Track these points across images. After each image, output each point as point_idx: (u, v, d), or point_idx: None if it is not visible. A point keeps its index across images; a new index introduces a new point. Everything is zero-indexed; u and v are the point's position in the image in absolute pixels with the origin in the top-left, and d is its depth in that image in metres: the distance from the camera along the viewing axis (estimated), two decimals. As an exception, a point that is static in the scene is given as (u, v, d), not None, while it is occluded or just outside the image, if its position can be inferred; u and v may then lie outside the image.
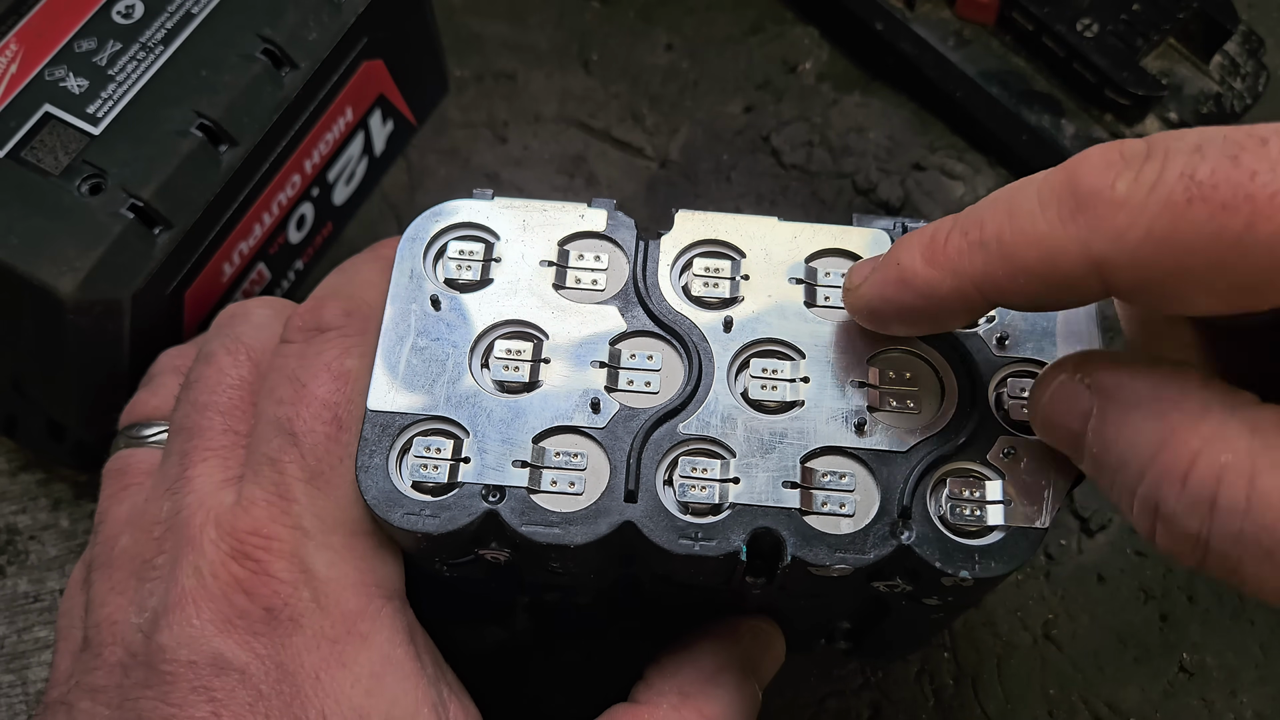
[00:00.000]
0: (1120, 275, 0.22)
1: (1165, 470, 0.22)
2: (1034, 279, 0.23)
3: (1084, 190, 0.22)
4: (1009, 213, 0.23)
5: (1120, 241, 0.21)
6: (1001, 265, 0.23)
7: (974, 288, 0.24)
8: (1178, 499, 0.22)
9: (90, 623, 0.29)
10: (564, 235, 0.31)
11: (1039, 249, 0.23)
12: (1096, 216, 0.22)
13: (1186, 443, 0.22)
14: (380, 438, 0.28)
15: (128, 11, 0.35)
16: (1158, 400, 0.22)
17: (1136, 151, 0.22)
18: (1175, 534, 0.22)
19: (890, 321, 0.28)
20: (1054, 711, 0.39)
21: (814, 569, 0.27)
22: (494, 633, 0.39)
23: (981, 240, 0.24)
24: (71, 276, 0.31)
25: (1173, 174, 0.21)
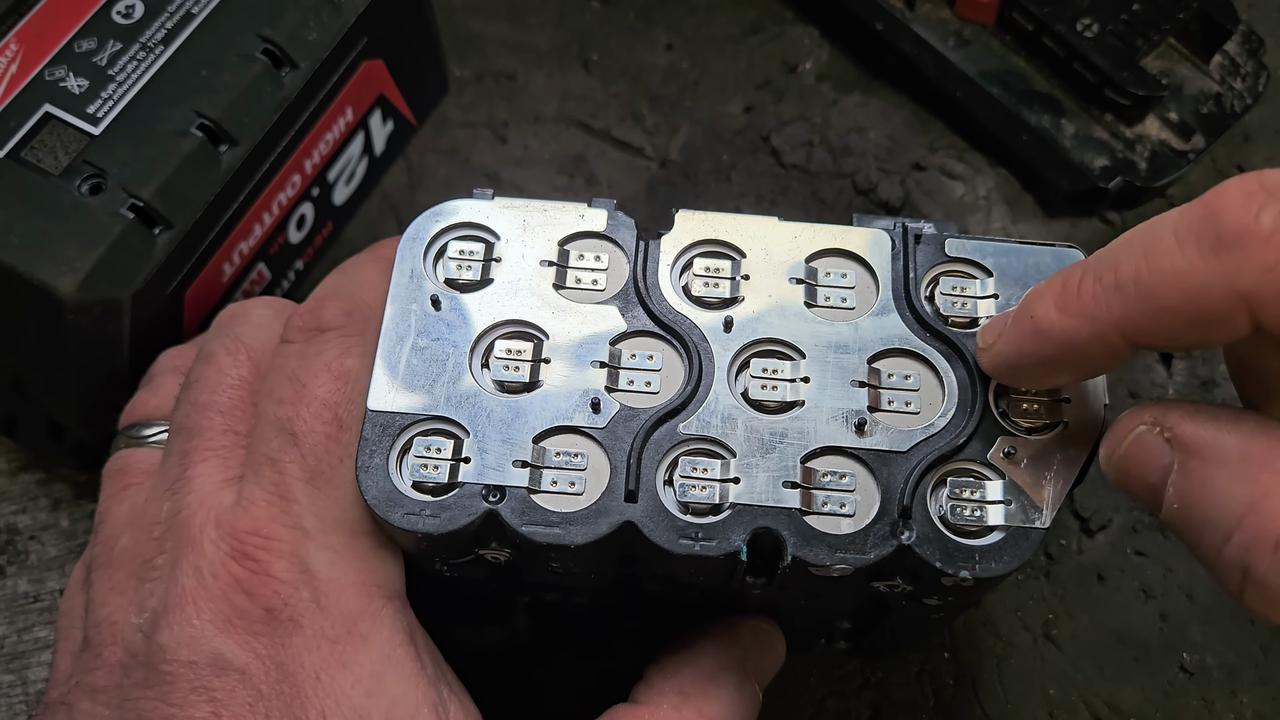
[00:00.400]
0: (1271, 311, 0.21)
1: (1256, 535, 0.21)
2: (1178, 319, 0.22)
3: (1227, 226, 0.21)
4: (1145, 253, 0.23)
5: (1270, 275, 0.21)
6: (1141, 307, 0.23)
7: (1115, 332, 0.24)
8: (1270, 565, 0.21)
9: (90, 623, 0.29)
10: (564, 235, 0.31)
11: (1180, 288, 0.22)
12: (1243, 252, 0.21)
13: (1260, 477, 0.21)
14: (380, 438, 0.28)
15: (128, 11, 0.35)
16: (1246, 460, 0.22)
17: (1277, 181, 0.21)
18: (1268, 598, 0.22)
19: (1029, 375, 0.27)
20: (1054, 711, 0.39)
21: (814, 569, 0.27)
22: (494, 633, 0.39)
23: (1117, 283, 0.23)
24: (71, 276, 0.31)
25: None
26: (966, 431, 0.28)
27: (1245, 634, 0.40)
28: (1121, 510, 0.42)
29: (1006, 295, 0.30)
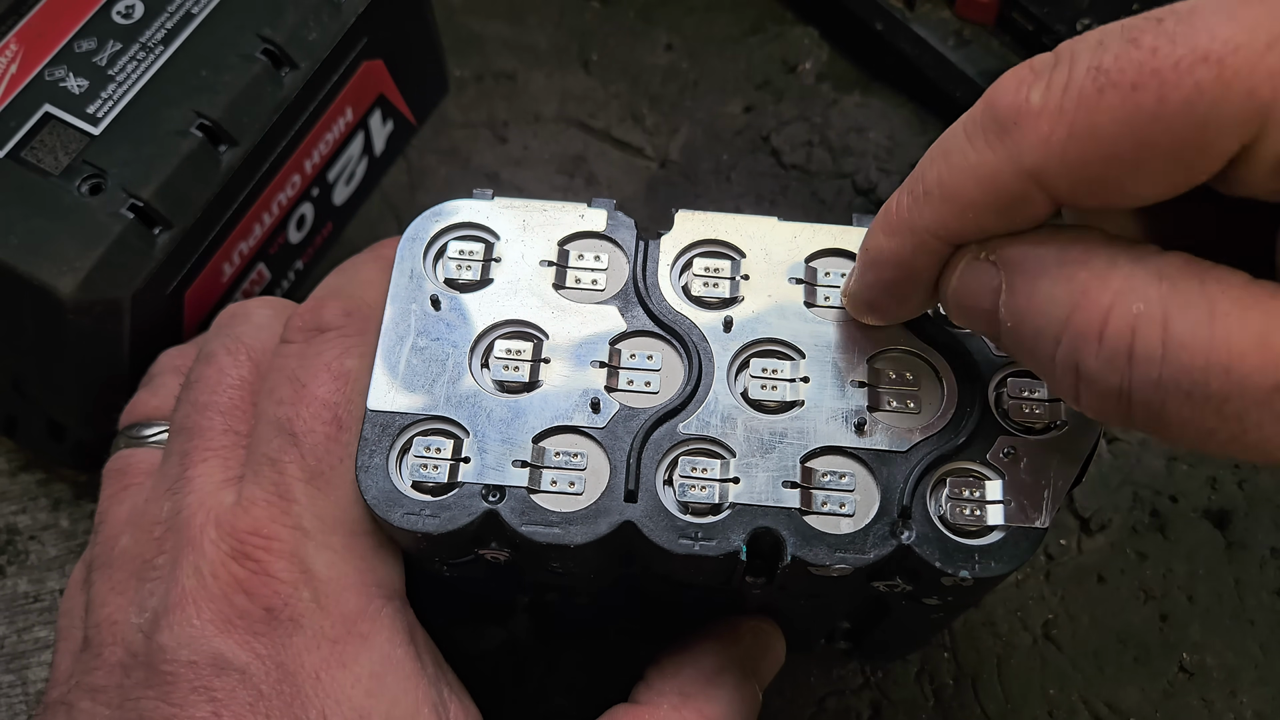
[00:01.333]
0: (1057, 181, 0.22)
1: (1080, 330, 0.22)
2: (982, 210, 0.23)
3: (1002, 111, 0.22)
4: (943, 156, 0.24)
5: (1048, 148, 0.22)
6: (948, 207, 0.24)
7: (933, 238, 0.25)
8: (1096, 356, 0.22)
9: (90, 623, 0.29)
10: (564, 235, 0.31)
11: (976, 179, 0.23)
12: (1020, 131, 0.22)
13: (1098, 300, 0.22)
14: (380, 437, 0.28)
15: (128, 11, 0.35)
16: (1064, 264, 0.23)
17: (1045, 62, 0.22)
18: (1098, 392, 0.22)
19: (884, 307, 0.28)
20: (1054, 711, 0.39)
21: (814, 569, 0.27)
22: (494, 633, 0.39)
23: (925, 190, 0.24)
24: (71, 276, 0.31)
25: (1080, 71, 0.21)
26: (966, 431, 0.28)
27: (1245, 634, 0.40)
28: (1121, 510, 0.42)
29: (1006, 295, 0.30)
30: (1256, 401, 0.20)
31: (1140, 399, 0.22)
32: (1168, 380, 0.21)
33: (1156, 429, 0.22)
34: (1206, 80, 0.20)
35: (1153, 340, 0.21)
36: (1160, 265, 0.22)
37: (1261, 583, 0.41)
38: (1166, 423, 0.22)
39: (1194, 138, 0.20)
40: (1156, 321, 0.21)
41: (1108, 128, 0.21)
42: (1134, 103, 0.20)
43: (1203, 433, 0.21)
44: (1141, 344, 0.21)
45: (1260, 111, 0.20)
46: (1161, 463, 0.43)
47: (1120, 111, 0.21)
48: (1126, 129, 0.21)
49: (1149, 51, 0.20)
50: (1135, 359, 0.21)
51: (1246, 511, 0.42)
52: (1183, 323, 0.21)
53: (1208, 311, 0.21)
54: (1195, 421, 0.21)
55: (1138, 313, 0.21)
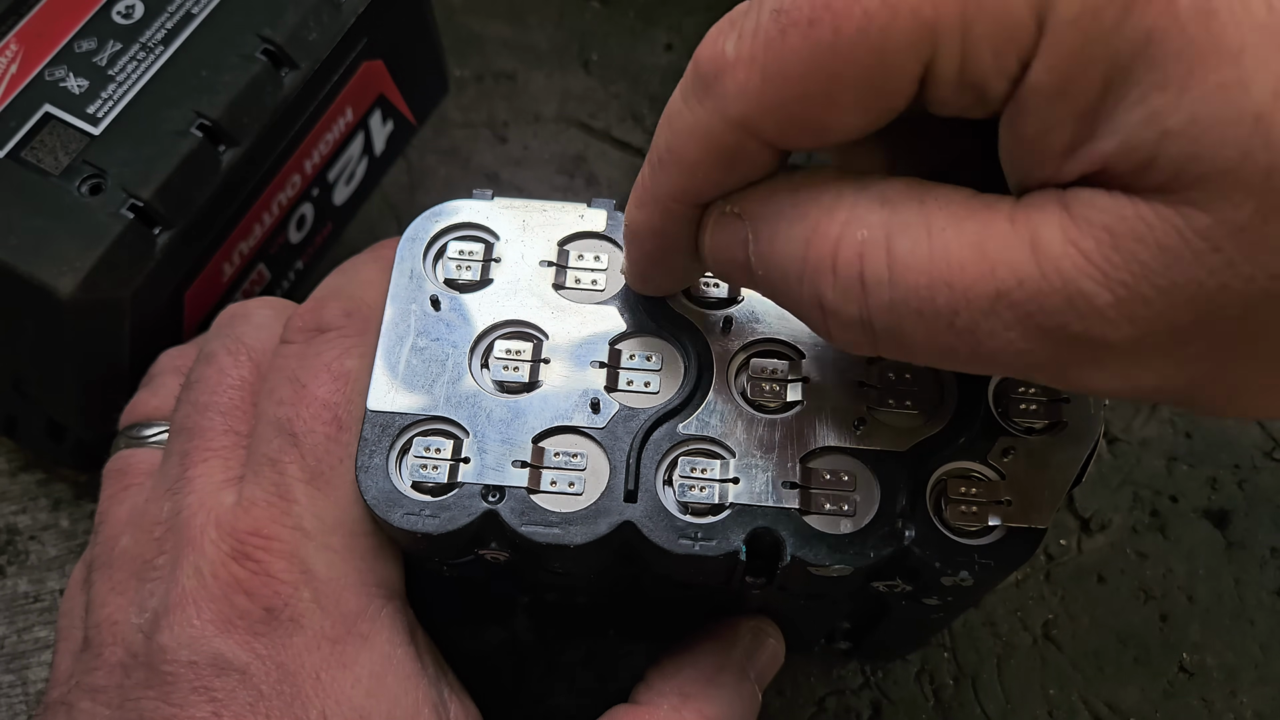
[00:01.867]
0: (764, 127, 0.22)
1: (815, 265, 0.22)
2: (708, 168, 0.24)
3: (704, 67, 0.23)
4: (667, 121, 0.24)
5: (746, 95, 0.22)
6: (680, 171, 0.24)
7: (675, 203, 0.25)
8: (833, 288, 0.22)
9: (91, 623, 0.29)
10: (564, 235, 0.31)
11: (696, 139, 0.23)
12: (721, 84, 0.22)
13: (827, 232, 0.22)
14: (380, 438, 0.28)
15: (128, 11, 0.35)
16: (797, 204, 0.23)
17: (740, 10, 0.23)
18: (843, 324, 0.23)
19: (656, 278, 0.28)
20: (1054, 711, 0.39)
21: (814, 569, 0.27)
22: (494, 633, 0.39)
23: (660, 159, 0.25)
24: (71, 276, 0.31)
25: (765, 15, 0.21)
26: (966, 432, 0.28)
27: (1245, 634, 0.40)
28: (1121, 510, 0.42)
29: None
30: (983, 311, 0.20)
31: (881, 325, 0.22)
32: (899, 302, 0.21)
33: (904, 353, 0.22)
34: (874, 7, 0.20)
35: (879, 264, 0.21)
36: (883, 191, 0.22)
37: (1261, 583, 0.41)
38: (909, 345, 0.22)
39: (875, 65, 0.21)
40: (880, 245, 0.21)
41: (795, 67, 0.21)
42: (813, 39, 0.21)
43: (945, 351, 0.21)
44: (870, 269, 0.21)
45: (928, 31, 0.20)
46: (1161, 463, 0.43)
47: (803, 50, 0.21)
48: (811, 66, 0.21)
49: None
50: (867, 285, 0.22)
51: (1246, 511, 0.42)
52: (904, 242, 0.21)
53: (925, 229, 0.21)
54: (934, 340, 0.21)
55: (863, 239, 0.22)
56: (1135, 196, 0.19)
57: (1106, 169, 0.19)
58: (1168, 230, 0.18)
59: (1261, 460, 0.43)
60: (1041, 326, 0.20)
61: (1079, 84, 0.19)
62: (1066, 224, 0.20)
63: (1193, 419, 0.43)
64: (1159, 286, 0.19)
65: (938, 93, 0.21)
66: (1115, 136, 0.19)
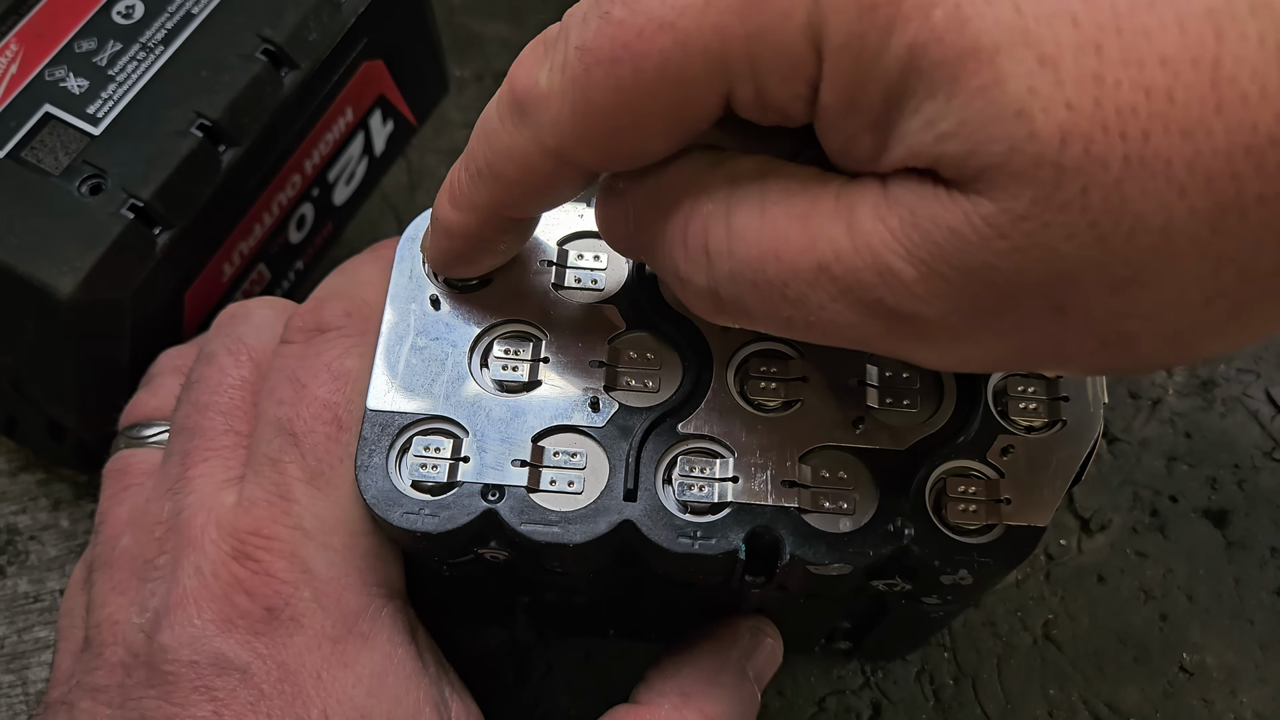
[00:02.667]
0: (579, 155, 0.23)
1: (670, 237, 0.23)
2: (524, 189, 0.25)
3: (520, 93, 0.23)
4: (484, 135, 0.25)
5: (559, 128, 0.23)
6: (498, 187, 0.25)
7: (493, 214, 0.26)
8: (684, 259, 0.23)
9: (91, 622, 0.29)
10: (563, 235, 0.31)
11: (514, 162, 0.24)
12: (534, 115, 0.23)
13: (679, 205, 0.23)
14: (380, 437, 0.28)
15: (128, 12, 0.35)
16: (661, 181, 0.24)
17: (552, 36, 0.23)
18: (694, 293, 0.23)
19: (459, 267, 0.29)
20: (1054, 711, 0.39)
21: (813, 568, 0.27)
22: (494, 633, 0.39)
23: (478, 170, 0.25)
24: (71, 276, 0.31)
25: (570, 50, 0.22)
26: (966, 430, 0.28)
27: (1245, 634, 0.40)
28: (1121, 510, 0.42)
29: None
30: (808, 283, 0.21)
31: (725, 295, 0.23)
32: (738, 273, 0.22)
33: (749, 322, 0.23)
34: (668, 45, 0.21)
35: (720, 236, 0.22)
36: (734, 168, 0.23)
37: (1261, 583, 0.41)
38: (753, 315, 0.23)
39: (676, 98, 0.21)
40: (722, 219, 0.22)
41: (601, 103, 0.22)
42: (616, 77, 0.21)
43: (784, 322, 0.22)
44: (713, 241, 0.22)
45: (720, 65, 0.21)
46: (1161, 463, 0.43)
47: (607, 86, 0.22)
48: (617, 101, 0.22)
49: (617, 24, 0.21)
50: (711, 256, 0.22)
51: (1246, 511, 0.42)
52: (740, 215, 0.22)
53: (760, 204, 0.22)
54: (772, 311, 0.22)
55: (708, 212, 0.23)
56: (939, 184, 0.20)
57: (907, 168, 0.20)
58: (957, 216, 0.19)
59: (1261, 460, 0.43)
60: (861, 300, 0.21)
61: (862, 101, 0.20)
62: (880, 202, 0.20)
63: (1193, 419, 0.44)
64: (956, 267, 0.20)
65: (745, 113, 0.22)
66: (903, 143, 0.20)
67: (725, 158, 0.23)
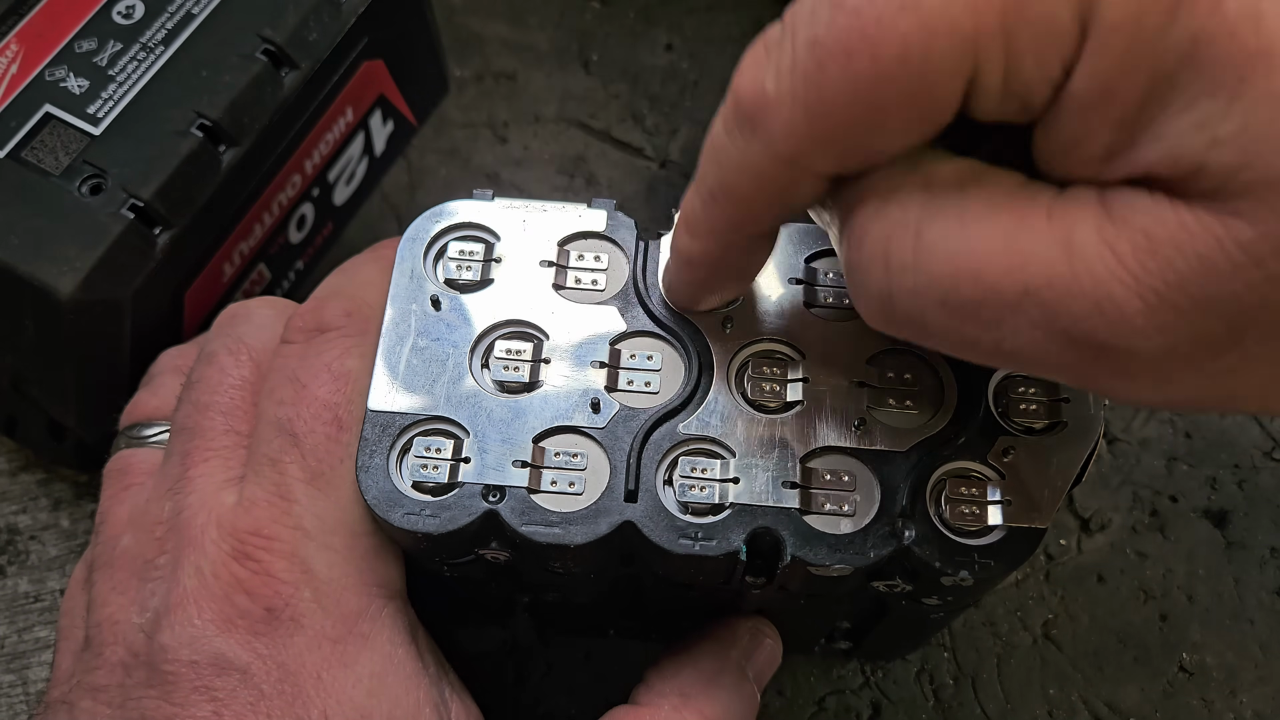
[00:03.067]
0: (815, 160, 0.22)
1: (849, 236, 0.22)
2: (762, 203, 0.24)
3: (746, 103, 0.22)
4: (714, 156, 0.24)
5: (793, 133, 0.22)
6: (735, 207, 0.24)
7: (734, 235, 0.25)
8: (858, 261, 0.22)
9: (92, 622, 0.29)
10: (564, 235, 0.31)
11: (747, 176, 0.23)
12: (765, 123, 0.22)
13: (865, 205, 0.22)
14: (380, 438, 0.28)
15: (128, 12, 0.35)
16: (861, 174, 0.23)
17: (774, 38, 0.22)
18: (864, 296, 0.23)
19: (706, 298, 0.28)
20: (1054, 711, 0.39)
21: (814, 569, 0.27)
22: (494, 633, 0.39)
23: (710, 192, 0.24)
24: (71, 276, 0.31)
25: (801, 48, 0.21)
26: (966, 431, 0.28)
27: (1245, 634, 0.40)
28: (1121, 510, 0.42)
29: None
30: (1008, 306, 0.20)
31: (901, 308, 0.22)
32: (922, 288, 0.21)
33: (923, 338, 0.22)
34: (910, 29, 0.19)
35: (905, 247, 0.21)
36: (930, 174, 0.22)
37: (1261, 583, 0.41)
38: (930, 331, 0.22)
39: (918, 88, 0.20)
40: (910, 228, 0.21)
41: (837, 99, 0.21)
42: (852, 70, 0.20)
43: (966, 341, 0.21)
44: (896, 251, 0.21)
45: (969, 46, 0.19)
46: (1161, 463, 0.43)
47: (843, 81, 0.20)
48: (854, 96, 0.20)
49: (852, 12, 0.20)
50: (891, 266, 0.21)
51: (1246, 511, 0.42)
52: (934, 229, 0.21)
53: (958, 217, 0.21)
54: (956, 330, 0.21)
55: (894, 220, 0.21)
56: (1178, 202, 0.18)
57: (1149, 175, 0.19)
58: (1208, 240, 0.18)
59: (1261, 460, 0.43)
60: (1067, 331, 0.19)
61: (1122, 90, 0.18)
62: (1104, 224, 0.19)
63: (1193, 419, 0.44)
64: (1193, 297, 0.18)
65: (981, 104, 0.20)
66: (1160, 143, 0.18)
67: (922, 158, 0.22)
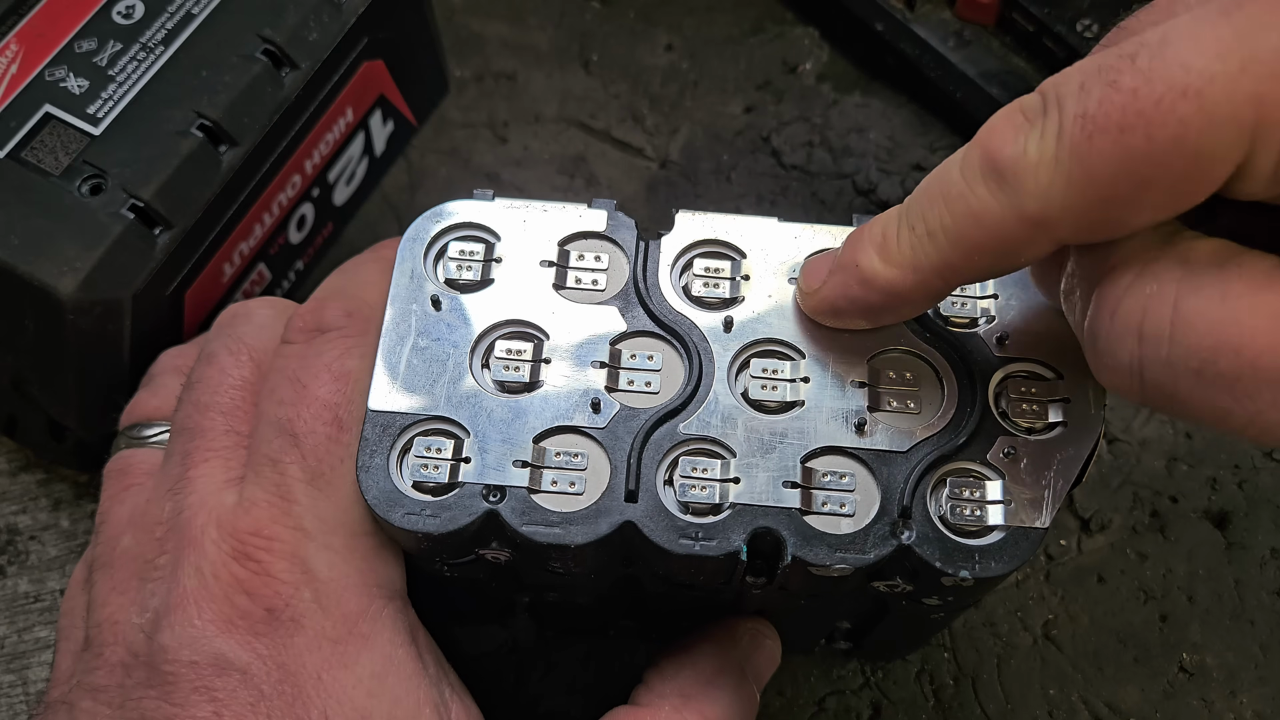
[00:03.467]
0: (1063, 225, 0.23)
1: (1099, 306, 0.23)
2: (987, 254, 0.24)
3: (999, 160, 0.23)
4: (943, 199, 0.24)
5: (1048, 197, 0.22)
6: (954, 250, 0.25)
7: (935, 277, 0.25)
8: (1108, 332, 0.23)
9: (92, 622, 0.29)
10: (564, 235, 0.31)
11: (981, 226, 0.24)
12: (1019, 183, 0.23)
13: (1119, 279, 0.23)
14: (381, 438, 0.28)
15: (128, 12, 0.35)
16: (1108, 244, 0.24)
17: (1034, 107, 0.23)
18: (1111, 366, 0.23)
19: (853, 319, 0.28)
20: (1054, 711, 0.39)
21: (814, 569, 0.27)
22: (494, 633, 0.39)
23: (929, 231, 0.25)
24: (72, 277, 0.31)
25: (1069, 119, 0.22)
26: (966, 431, 0.28)
27: (1245, 634, 0.40)
28: (1121, 510, 0.42)
29: (1005, 294, 0.30)
30: (1269, 382, 0.21)
31: (1152, 378, 0.22)
32: (1177, 359, 0.22)
33: (1172, 408, 0.23)
34: (1190, 114, 0.20)
35: (1161, 320, 0.22)
36: (1186, 250, 0.22)
37: (1261, 583, 0.41)
38: (1181, 402, 0.22)
39: (1187, 169, 0.21)
40: (1167, 301, 0.22)
41: (1103, 172, 0.21)
42: (1124, 145, 0.21)
43: (1218, 413, 0.22)
44: (1152, 323, 0.22)
45: (1247, 133, 0.20)
46: (1161, 463, 0.43)
47: (1112, 155, 0.21)
48: (1121, 171, 0.21)
49: (1130, 93, 0.21)
50: (1144, 337, 0.22)
51: (1246, 511, 0.42)
52: (1193, 303, 0.21)
53: (1220, 292, 0.21)
54: (1209, 401, 0.22)
55: (1150, 293, 0.22)
56: None
57: None
58: None
59: (1261, 460, 0.43)
60: None
61: None
62: None
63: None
64: None
65: (1246, 186, 0.21)
66: None
67: (1177, 235, 0.23)
